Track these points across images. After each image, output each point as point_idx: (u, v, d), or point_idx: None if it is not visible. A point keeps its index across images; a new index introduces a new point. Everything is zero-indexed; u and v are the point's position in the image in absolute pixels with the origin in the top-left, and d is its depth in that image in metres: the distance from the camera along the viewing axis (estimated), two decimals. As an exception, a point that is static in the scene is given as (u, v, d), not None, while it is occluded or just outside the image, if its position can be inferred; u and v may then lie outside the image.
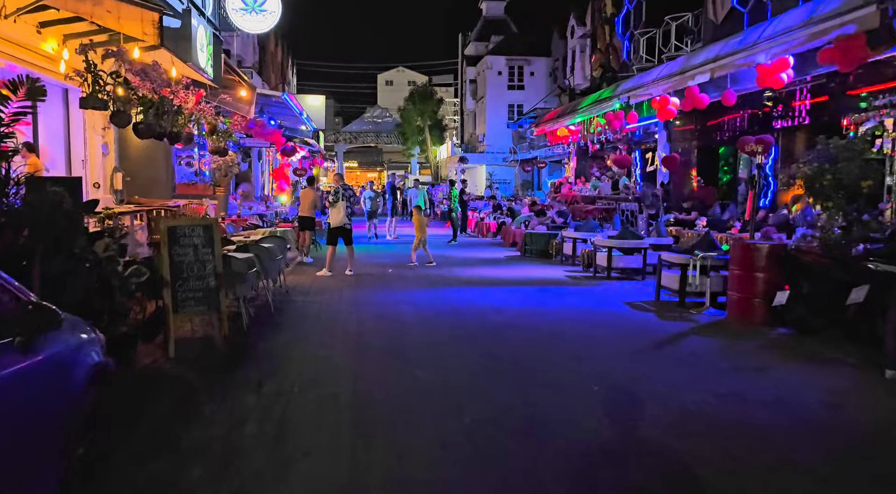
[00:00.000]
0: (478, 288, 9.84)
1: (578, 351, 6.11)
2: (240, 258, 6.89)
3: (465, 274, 11.61)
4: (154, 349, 5.87)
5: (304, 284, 10.20)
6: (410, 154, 58.56)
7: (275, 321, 7.47)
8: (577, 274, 11.55)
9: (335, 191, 11.19)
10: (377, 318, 7.62)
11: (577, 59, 39.16)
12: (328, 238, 11.36)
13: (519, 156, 40.45)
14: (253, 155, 28.11)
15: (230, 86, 15.29)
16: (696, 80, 11.35)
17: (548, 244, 14.40)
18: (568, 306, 8.41)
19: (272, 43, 40.98)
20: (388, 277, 11.14)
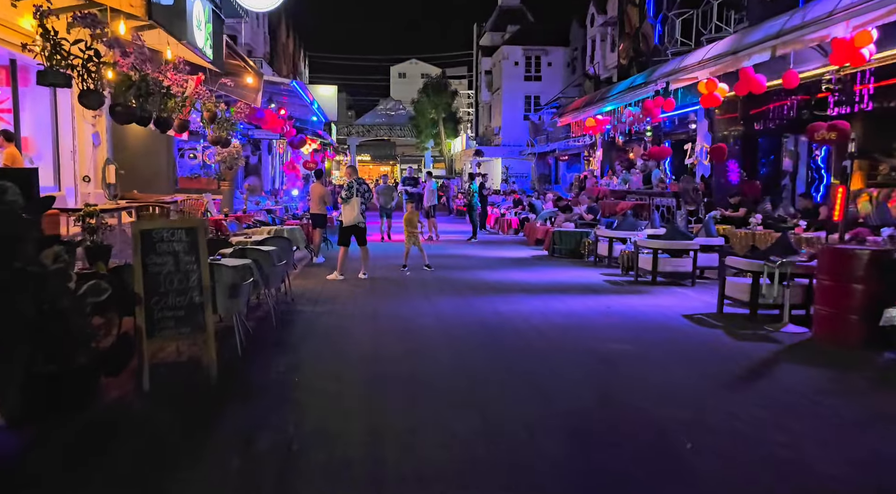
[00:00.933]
0: (508, 296, 8.68)
1: (647, 385, 4.92)
2: (233, 266, 5.77)
3: (491, 277, 10.45)
4: (126, 379, 4.77)
5: (312, 290, 9.09)
6: (424, 147, 57.35)
7: (276, 338, 6.35)
8: (616, 279, 10.34)
9: (348, 185, 10.05)
10: (397, 336, 6.48)
11: (598, 48, 37.82)
12: (340, 237, 10.23)
13: (536, 150, 39.20)
14: (262, 147, 27.11)
15: (235, 73, 14.20)
16: (752, 60, 10.09)
17: (579, 243, 13.19)
18: (617, 321, 7.22)
19: (283, 33, 39.96)
20: (406, 281, 10.00)
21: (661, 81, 13.38)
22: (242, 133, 22.82)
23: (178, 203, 10.92)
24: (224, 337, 5.84)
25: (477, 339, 6.32)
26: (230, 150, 15.16)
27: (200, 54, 9.90)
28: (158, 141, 14.23)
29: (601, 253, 12.08)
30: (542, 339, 6.30)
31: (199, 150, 16.10)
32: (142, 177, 13.64)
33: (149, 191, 13.12)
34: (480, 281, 9.99)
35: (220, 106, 10.93)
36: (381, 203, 16.38)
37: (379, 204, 16.36)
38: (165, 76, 7.83)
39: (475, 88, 60.49)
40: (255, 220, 13.37)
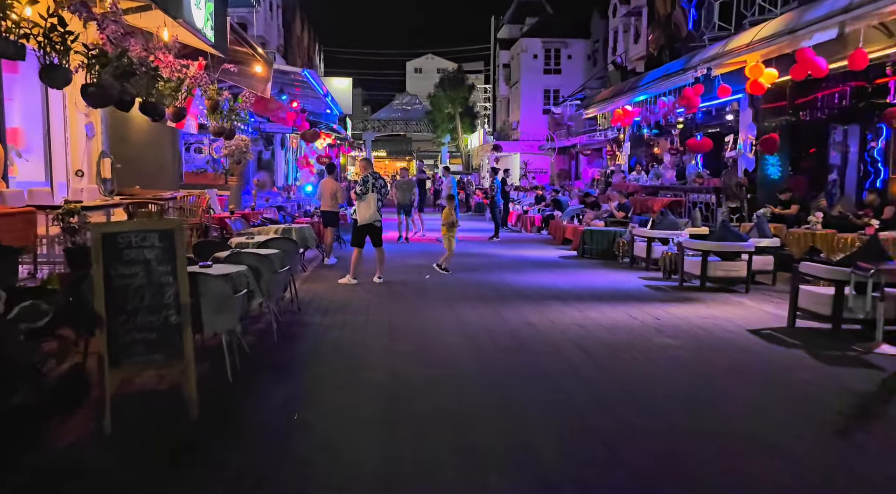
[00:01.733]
0: (539, 305, 7.69)
1: (742, 439, 3.92)
2: (224, 275, 4.84)
3: (519, 281, 9.46)
4: (86, 418, 3.87)
5: (322, 296, 8.16)
6: (441, 142, 56.40)
7: (276, 360, 5.42)
8: (658, 284, 9.31)
9: (363, 179, 9.10)
10: (416, 356, 5.52)
11: (621, 40, 36.58)
12: (354, 238, 9.29)
13: (556, 144, 38.08)
14: (275, 141, 26.30)
15: (243, 61, 13.31)
16: (813, 40, 8.99)
17: (612, 243, 12.15)
18: (671, 337, 6.20)
19: (298, 26, 39.13)
20: (426, 286, 9.05)
21: (702, 67, 12.27)
22: (254, 126, 22.07)
23: (177, 199, 10.06)
24: (214, 358, 4.92)
25: (512, 362, 5.34)
26: (238, 144, 14.29)
27: (200, 36, 9.01)
28: (163, 133, 13.41)
29: (638, 255, 11.04)
30: (589, 363, 5.30)
31: (206, 144, 15.27)
32: (146, 171, 12.83)
33: (153, 186, 12.31)
34: (507, 286, 9.01)
35: (223, 94, 10.04)
36: (398, 199, 15.14)
37: (396, 200, 15.15)
38: (155, 56, 6.93)
39: (492, 82, 59.38)
40: (264, 218, 12.49)
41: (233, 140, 14.24)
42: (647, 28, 22.27)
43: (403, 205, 15.14)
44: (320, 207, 11.56)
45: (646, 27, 30.91)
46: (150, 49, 6.45)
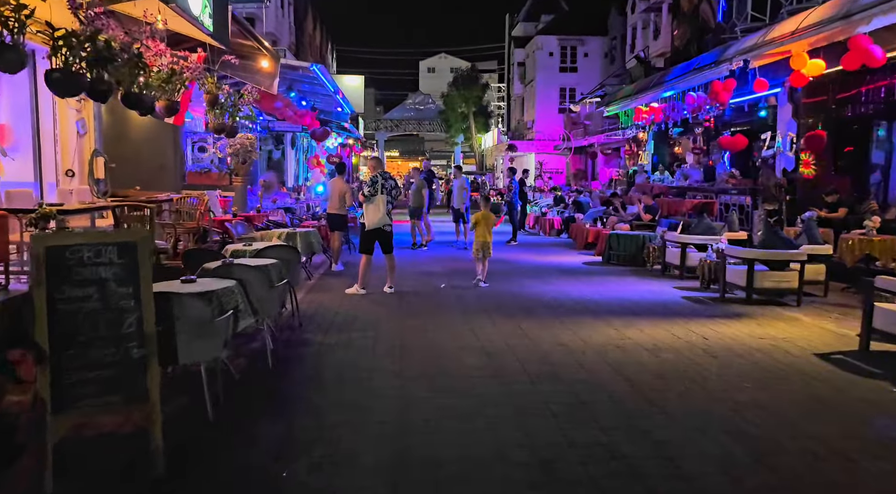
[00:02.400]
0: (570, 320, 6.88)
1: None
2: (205, 292, 4.09)
3: (543, 291, 8.65)
4: (25, 473, 3.13)
5: (327, 309, 7.41)
6: (454, 142, 55.66)
7: (269, 387, 4.67)
8: (697, 295, 8.46)
9: (371, 180, 8.33)
10: (433, 387, 4.74)
11: (640, 36, 35.61)
12: (362, 243, 8.52)
13: (573, 144, 37.23)
14: (285, 140, 25.67)
15: (249, 56, 12.60)
16: (871, 25, 8.11)
17: (641, 249, 11.30)
18: (726, 362, 5.37)
19: (310, 24, 38.54)
20: (442, 297, 8.26)
21: (738, 59, 11.39)
22: (263, 125, 21.42)
23: (173, 202, 9.36)
24: (194, 388, 4.16)
25: (545, 394, 4.54)
26: (243, 142, 13.63)
27: (197, 24, 8.30)
28: (164, 131, 12.72)
29: (670, 262, 10.19)
30: (636, 396, 4.49)
31: (210, 142, 14.60)
32: (145, 171, 12.15)
33: (153, 187, 11.63)
34: (531, 297, 8.21)
35: (223, 88, 9.32)
36: (410, 202, 14.24)
37: (408, 203, 14.28)
38: (142, 43, 6.22)
39: (507, 81, 58.55)
40: (269, 221, 11.77)
41: (237, 138, 13.59)
42: (672, 22, 21.33)
43: (412, 208, 14.10)
44: (327, 209, 10.81)
45: (666, 23, 29.99)
46: (132, 33, 5.73)
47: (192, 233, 8.96)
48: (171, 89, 7.42)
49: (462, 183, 14.73)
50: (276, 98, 15.36)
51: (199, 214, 9.05)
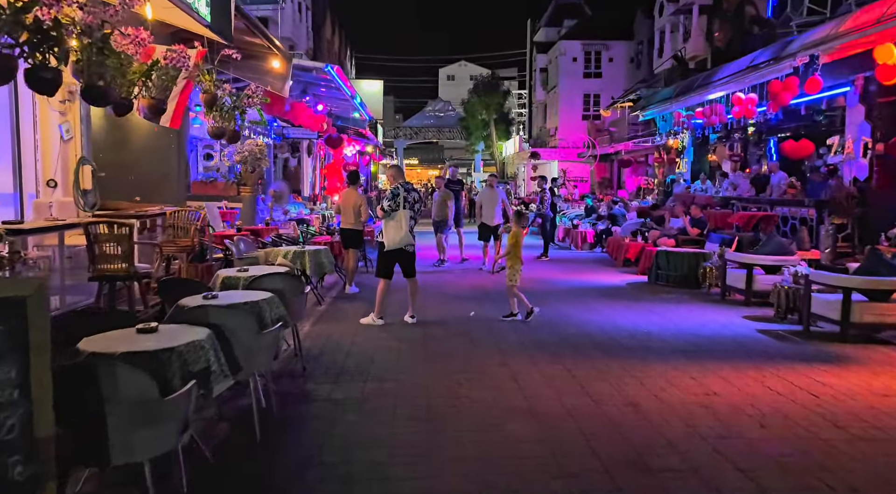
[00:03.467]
0: (632, 364, 5.62)
1: None
2: (155, 356, 2.92)
3: (589, 321, 7.39)
4: None
5: (337, 346, 6.22)
6: (474, 150, 54.50)
7: (249, 476, 3.47)
8: (773, 328, 7.13)
9: (392, 192, 7.12)
10: (473, 477, 3.51)
11: (668, 40, 34.25)
12: (380, 267, 7.33)
13: (598, 151, 35.96)
14: (301, 148, 24.69)
15: (257, 56, 11.54)
16: None
17: (694, 268, 9.98)
18: (867, 435, 4.09)
19: (329, 30, 37.72)
20: (472, 329, 7.04)
21: (804, 54, 10.07)
22: (277, 132, 20.41)
23: (167, 216, 8.26)
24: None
25: (627, 489, 3.30)
26: (252, 149, 12.55)
27: (190, 12, 7.23)
28: (166, 137, 11.65)
29: (732, 285, 8.87)
30: (754, 491, 3.23)
31: (217, 149, 13.58)
32: (147, 180, 11.10)
33: (154, 198, 10.58)
34: (576, 329, 6.95)
35: (223, 86, 8.22)
36: (434, 215, 12.64)
37: (433, 216, 12.66)
38: (113, 27, 5.11)
39: (528, 87, 57.41)
40: (275, 237, 10.65)
41: (246, 145, 12.52)
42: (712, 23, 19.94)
43: (436, 221, 12.61)
44: (341, 224, 9.65)
45: (696, 25, 28.62)
46: (96, 14, 4.62)
47: (185, 252, 7.85)
48: (159, 86, 6.33)
49: (491, 194, 12.34)
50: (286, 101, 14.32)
51: (195, 230, 7.93)
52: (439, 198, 12.76)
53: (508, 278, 7.54)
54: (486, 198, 12.45)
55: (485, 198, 12.49)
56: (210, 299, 4.55)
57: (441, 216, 12.54)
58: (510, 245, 7.62)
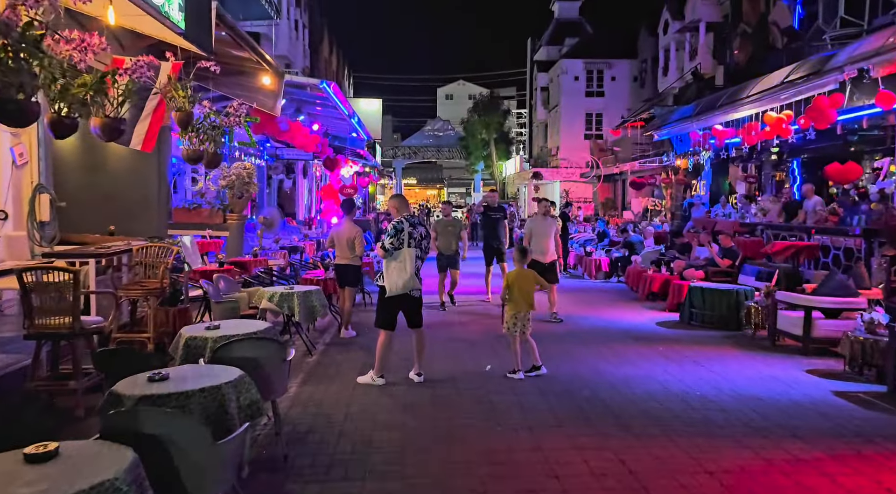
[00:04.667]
0: (700, 450, 4.49)
1: None
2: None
3: (627, 380, 6.24)
4: None
5: (328, 419, 5.06)
6: (474, 169, 53.64)
7: None
8: (847, 388, 6.00)
9: (395, 227, 5.98)
10: None
11: (673, 58, 33.49)
12: (380, 315, 6.16)
13: (602, 172, 35.08)
14: (297, 169, 23.68)
15: (247, 72, 10.48)
16: None
17: (736, 308, 8.85)
18: None
19: (326, 49, 36.93)
20: (490, 390, 5.88)
21: (850, 68, 9.06)
22: (270, 153, 19.38)
23: (132, 253, 7.13)
24: None
25: None
26: (239, 173, 11.44)
27: (165, 21, 6.19)
28: (144, 160, 10.57)
29: (784, 329, 7.74)
30: None
31: (201, 173, 12.50)
32: (123, 208, 10.00)
33: (131, 228, 9.47)
34: (617, 394, 5.79)
35: (201, 102, 7.15)
36: (440, 247, 10.49)
37: (438, 249, 10.44)
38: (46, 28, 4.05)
39: (529, 107, 56.76)
40: (262, 272, 9.53)
41: (233, 168, 11.44)
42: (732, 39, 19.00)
43: (446, 256, 10.55)
44: (335, 259, 8.52)
45: (703, 43, 27.85)
46: (15, 7, 3.55)
47: (150, 296, 6.71)
48: (118, 102, 5.26)
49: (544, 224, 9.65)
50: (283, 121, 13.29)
51: (164, 269, 6.79)
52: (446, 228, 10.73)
53: (506, 323, 6.45)
54: (538, 228, 9.58)
55: (537, 229, 9.56)
56: (156, 382, 3.42)
57: (449, 249, 10.56)
58: (504, 287, 6.49)
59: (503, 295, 6.50)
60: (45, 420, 4.97)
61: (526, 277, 6.57)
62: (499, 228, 11.01)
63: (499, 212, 11.33)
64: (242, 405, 3.51)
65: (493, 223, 11.10)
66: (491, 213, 11.26)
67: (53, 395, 5.26)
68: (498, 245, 10.97)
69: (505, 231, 11.18)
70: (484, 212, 11.52)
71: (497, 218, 11.15)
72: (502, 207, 11.93)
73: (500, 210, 11.47)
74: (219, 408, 3.32)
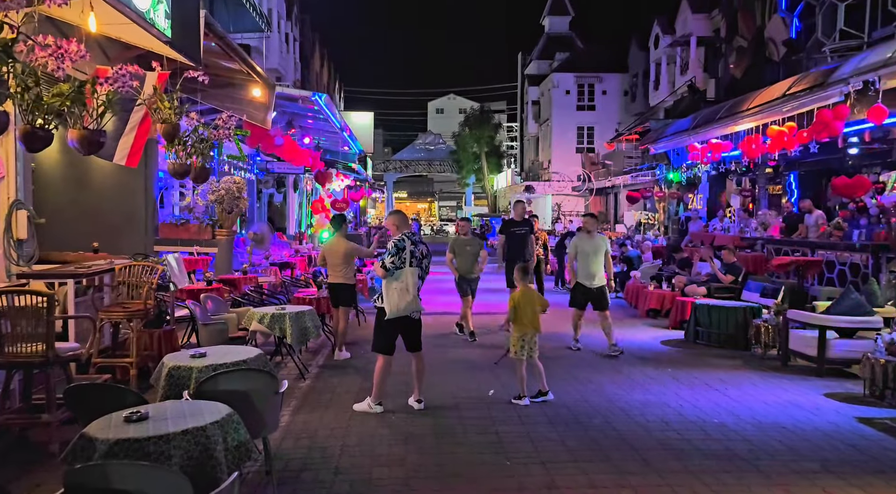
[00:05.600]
0: (725, 489, 4.15)
1: None
2: None
3: (640, 406, 5.91)
4: None
5: (322, 453, 4.69)
6: (465, 183, 53.53)
7: None
8: (869, 414, 5.70)
9: (396, 246, 5.60)
10: None
11: (664, 72, 33.55)
12: (378, 338, 5.78)
13: (594, 185, 35.03)
14: (287, 183, 23.32)
15: (236, 84, 10.16)
16: None
17: (743, 327, 8.56)
18: None
19: (317, 62, 36.73)
20: (496, 418, 5.53)
21: (856, 80, 8.88)
22: (261, 166, 19.03)
23: (114, 273, 6.74)
24: None
25: None
26: (229, 187, 11.10)
27: (151, 28, 5.86)
28: (129, 174, 10.23)
29: (796, 349, 7.45)
30: None
31: (189, 187, 12.11)
32: (109, 224, 9.66)
33: (116, 246, 9.12)
34: (633, 423, 5.44)
35: (188, 114, 6.81)
36: (460, 271, 9.06)
37: (458, 272, 9.08)
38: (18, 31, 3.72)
39: (520, 120, 56.80)
40: (252, 291, 9.15)
41: (222, 182, 11.10)
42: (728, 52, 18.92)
43: (467, 278, 9.10)
44: (328, 278, 8.17)
45: (694, 57, 27.90)
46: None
47: (139, 318, 6.33)
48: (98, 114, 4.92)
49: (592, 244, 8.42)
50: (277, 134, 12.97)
51: (148, 289, 6.41)
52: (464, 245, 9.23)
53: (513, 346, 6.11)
54: (584, 247, 8.35)
55: (583, 248, 8.35)
56: (133, 422, 3.06)
57: (470, 273, 9.11)
58: (510, 308, 6.15)
59: (509, 316, 6.18)
60: (16, 457, 4.56)
61: (531, 297, 6.25)
62: (526, 245, 9.60)
63: (525, 225, 9.83)
64: (230, 447, 3.15)
65: (520, 239, 9.59)
66: (516, 229, 9.76)
67: (25, 429, 4.86)
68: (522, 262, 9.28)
69: (532, 248, 9.86)
70: (505, 226, 10.18)
71: (523, 233, 9.69)
72: (529, 221, 10.26)
73: (527, 224, 9.94)
74: (203, 453, 2.96)
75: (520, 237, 9.64)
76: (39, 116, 4.29)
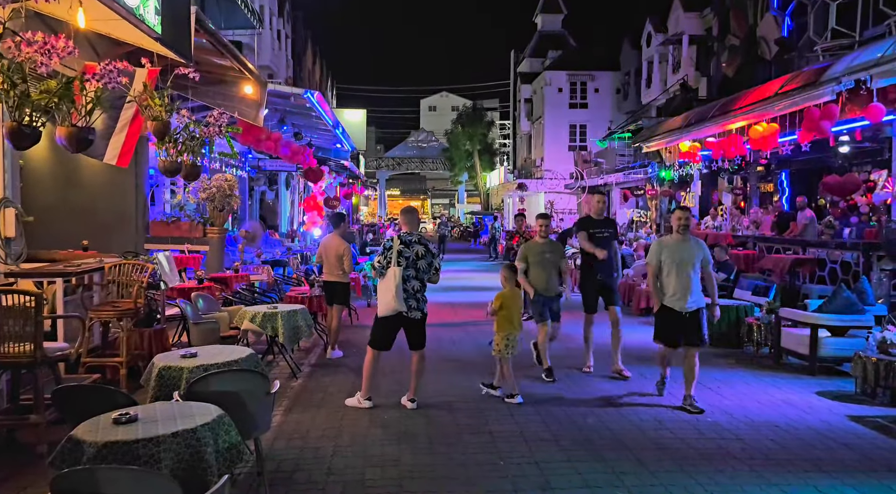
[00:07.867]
0: (721, 491, 4.15)
1: None
2: None
3: (633, 404, 5.91)
4: None
5: (314, 453, 4.66)
6: (458, 181, 53.50)
7: None
8: (861, 411, 5.72)
9: (384, 245, 5.64)
10: None
11: (656, 70, 33.61)
12: (373, 333, 5.78)
13: (586, 183, 35.05)
14: (279, 181, 23.22)
15: (228, 81, 10.12)
16: None
17: (736, 325, 8.57)
18: None
19: (310, 60, 36.57)
20: (489, 415, 5.51)
21: (848, 79, 8.89)
22: (252, 164, 18.94)
23: (104, 272, 6.67)
24: None
25: None
26: (220, 185, 11.03)
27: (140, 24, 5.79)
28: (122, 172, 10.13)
29: (788, 347, 7.47)
30: None
31: (180, 185, 12.04)
32: (99, 222, 9.58)
33: (110, 242, 9.07)
34: (626, 421, 5.44)
35: (179, 111, 6.74)
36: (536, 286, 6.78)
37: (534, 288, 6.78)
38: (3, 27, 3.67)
39: (512, 118, 56.78)
40: (244, 289, 9.08)
41: (213, 180, 11.03)
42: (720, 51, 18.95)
43: (545, 295, 6.83)
44: (323, 276, 8.12)
45: (686, 56, 27.94)
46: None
47: (129, 317, 6.27)
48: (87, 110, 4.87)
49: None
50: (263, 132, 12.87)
51: (138, 288, 6.35)
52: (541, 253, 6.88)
53: (496, 345, 6.07)
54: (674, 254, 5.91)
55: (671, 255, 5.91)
56: (122, 424, 3.02)
57: (549, 289, 6.83)
58: (497, 306, 6.03)
59: (493, 313, 6.09)
60: (3, 458, 4.50)
61: (517, 298, 6.25)
62: (609, 253, 7.00)
63: (608, 227, 7.22)
64: (221, 449, 3.11)
65: (601, 245, 6.97)
66: (595, 230, 7.09)
67: (13, 430, 4.80)
68: (607, 278, 7.09)
69: (618, 257, 7.35)
70: (581, 225, 7.33)
71: (606, 236, 7.09)
72: (611, 221, 7.75)
73: (609, 224, 7.32)
74: (193, 456, 2.92)
75: (601, 242, 7.01)
76: (27, 113, 4.24)
